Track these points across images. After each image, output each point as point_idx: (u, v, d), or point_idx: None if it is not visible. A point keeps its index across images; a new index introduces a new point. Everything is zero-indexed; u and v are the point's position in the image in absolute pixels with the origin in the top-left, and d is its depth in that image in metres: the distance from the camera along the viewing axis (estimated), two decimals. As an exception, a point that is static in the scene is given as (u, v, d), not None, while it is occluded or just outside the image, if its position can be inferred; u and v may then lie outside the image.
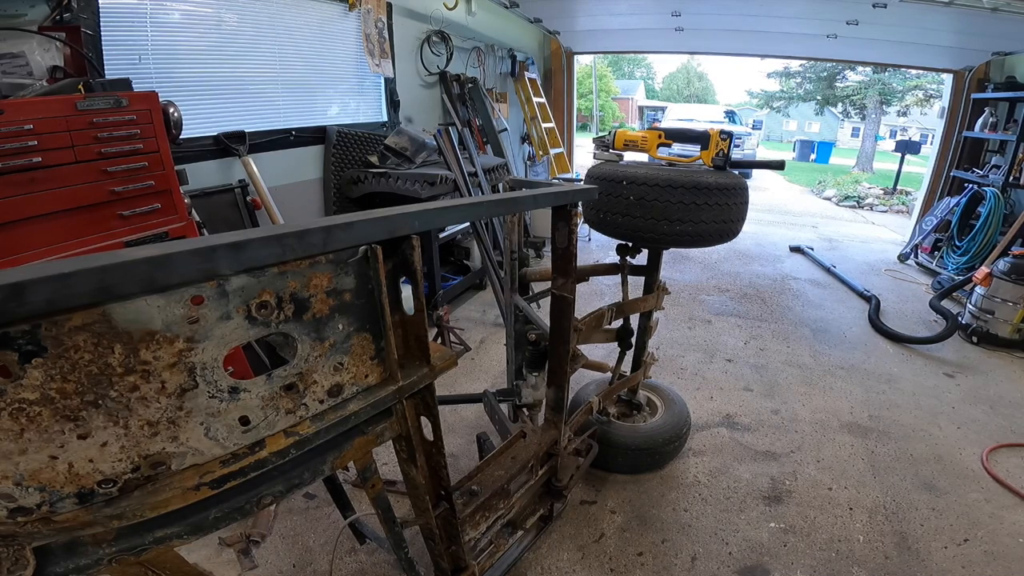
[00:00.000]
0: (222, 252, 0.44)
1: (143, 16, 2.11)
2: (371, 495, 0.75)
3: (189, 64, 2.34)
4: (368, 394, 0.64)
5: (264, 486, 0.56)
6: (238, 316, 0.48)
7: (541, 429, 1.32)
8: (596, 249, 5.13)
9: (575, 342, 1.26)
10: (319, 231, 0.51)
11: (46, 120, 1.40)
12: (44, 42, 1.71)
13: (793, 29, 4.87)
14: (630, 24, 5.56)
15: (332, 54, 3.16)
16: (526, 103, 5.78)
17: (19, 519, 0.41)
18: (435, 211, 0.67)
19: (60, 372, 0.39)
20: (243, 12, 2.55)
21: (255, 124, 2.64)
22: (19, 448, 0.39)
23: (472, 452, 1.97)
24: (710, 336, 3.22)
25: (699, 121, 13.67)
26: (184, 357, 0.46)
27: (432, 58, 4.01)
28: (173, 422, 0.47)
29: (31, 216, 1.41)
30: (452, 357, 0.73)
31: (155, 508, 0.47)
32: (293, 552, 1.59)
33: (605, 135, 1.62)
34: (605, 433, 1.85)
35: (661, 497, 1.85)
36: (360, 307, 0.60)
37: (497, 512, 1.15)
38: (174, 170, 1.76)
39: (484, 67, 4.88)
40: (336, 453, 0.64)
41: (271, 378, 0.54)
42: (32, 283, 0.35)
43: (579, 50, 6.94)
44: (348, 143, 3.14)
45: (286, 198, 2.72)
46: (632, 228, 1.49)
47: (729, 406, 2.44)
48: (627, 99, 27.55)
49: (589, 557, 1.60)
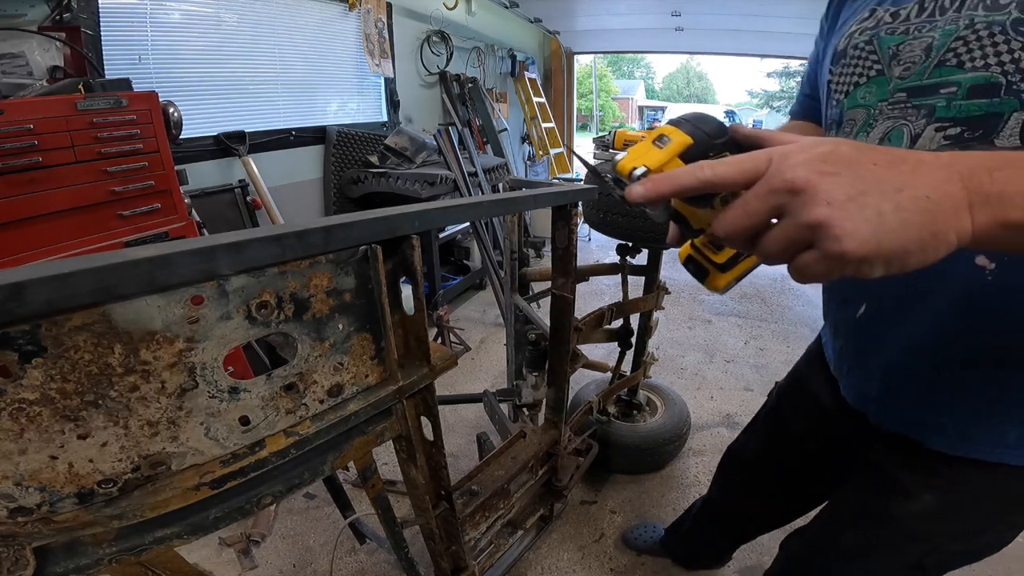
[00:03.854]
0: (222, 252, 0.44)
1: (143, 16, 2.11)
2: (371, 495, 0.75)
3: (189, 64, 2.34)
4: (368, 394, 0.64)
5: (264, 486, 0.56)
6: (238, 316, 0.48)
7: (541, 429, 1.32)
8: (596, 249, 5.13)
9: (575, 342, 1.26)
10: (319, 231, 0.51)
11: (46, 120, 1.40)
12: (44, 42, 1.71)
13: (793, 29, 4.87)
14: (630, 24, 5.56)
15: (332, 54, 3.16)
16: (526, 103, 5.78)
17: (19, 519, 0.41)
18: (435, 211, 0.66)
19: (60, 372, 0.39)
20: (243, 12, 2.55)
21: (255, 124, 2.64)
22: (19, 448, 0.39)
23: (472, 452, 1.98)
24: (710, 336, 3.22)
25: (699, 121, 13.64)
26: (184, 357, 0.46)
27: (432, 58, 4.01)
28: (173, 422, 0.47)
29: (31, 216, 1.41)
30: (452, 357, 0.73)
31: (155, 508, 0.47)
32: (293, 552, 1.59)
33: (605, 135, 1.62)
34: (605, 433, 1.85)
35: (661, 497, 1.85)
36: (360, 307, 0.60)
37: (497, 512, 1.15)
38: (174, 170, 1.76)
39: (484, 67, 4.88)
40: (336, 453, 0.64)
41: (271, 378, 0.54)
42: (32, 283, 0.35)
43: (579, 50, 6.94)
44: (348, 143, 3.14)
45: (286, 198, 2.72)
46: (632, 228, 1.49)
47: (729, 406, 2.44)
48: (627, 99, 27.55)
49: (589, 557, 1.60)
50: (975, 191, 0.33)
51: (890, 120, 0.62)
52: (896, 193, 0.33)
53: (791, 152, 0.35)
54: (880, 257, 0.33)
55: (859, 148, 0.35)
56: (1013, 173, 0.33)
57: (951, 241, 0.34)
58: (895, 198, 0.33)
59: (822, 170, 0.34)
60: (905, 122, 0.60)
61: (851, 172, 0.34)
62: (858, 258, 0.33)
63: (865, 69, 0.66)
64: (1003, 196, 0.33)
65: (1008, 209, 0.33)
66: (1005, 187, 0.33)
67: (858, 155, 0.35)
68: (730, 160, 0.37)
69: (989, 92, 0.53)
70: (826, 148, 0.35)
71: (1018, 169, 0.33)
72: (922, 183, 0.33)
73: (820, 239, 0.33)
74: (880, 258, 0.33)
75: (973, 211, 0.33)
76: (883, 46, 0.63)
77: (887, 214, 0.33)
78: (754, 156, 0.37)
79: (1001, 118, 0.52)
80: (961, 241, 0.34)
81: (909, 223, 0.33)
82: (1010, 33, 0.50)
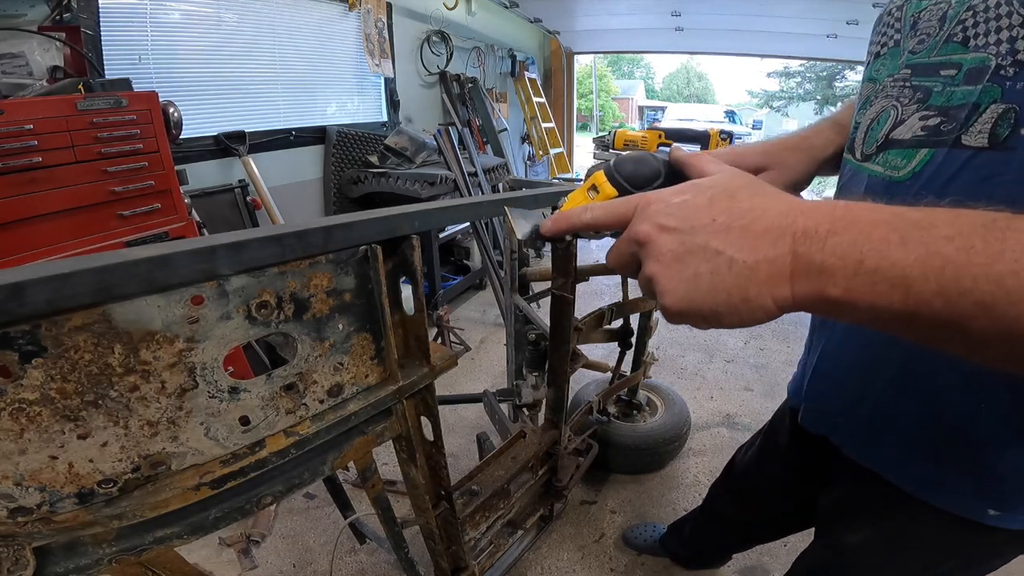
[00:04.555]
0: (222, 252, 0.44)
1: (143, 16, 2.11)
2: (371, 495, 0.75)
3: (189, 64, 2.34)
4: (368, 394, 0.64)
5: (264, 486, 0.56)
6: (238, 316, 0.48)
7: (541, 429, 1.31)
8: (596, 249, 5.13)
9: (575, 342, 1.26)
10: (319, 231, 0.51)
11: (46, 120, 1.40)
12: (44, 42, 1.71)
13: (793, 29, 4.87)
14: (630, 24, 5.56)
15: (332, 54, 3.16)
16: (526, 103, 5.77)
17: (19, 519, 0.41)
18: (435, 211, 0.66)
19: (60, 372, 0.39)
20: (243, 12, 2.55)
21: (255, 124, 2.64)
22: (19, 448, 0.39)
23: (472, 452, 1.97)
24: (710, 336, 3.22)
25: (699, 121, 13.67)
26: (184, 357, 0.46)
27: (432, 58, 4.01)
28: (173, 422, 0.47)
29: (31, 216, 1.41)
30: (452, 357, 0.73)
31: (155, 508, 0.47)
32: (293, 552, 1.59)
33: (605, 135, 1.62)
34: (605, 433, 1.85)
35: (661, 497, 1.85)
36: (360, 307, 0.60)
37: (497, 512, 1.15)
38: (174, 170, 1.76)
39: (484, 67, 4.88)
40: (336, 453, 0.64)
41: (271, 378, 0.54)
42: (32, 283, 0.35)
43: (579, 50, 6.93)
44: (348, 143, 3.14)
45: (286, 198, 2.72)
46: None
47: (729, 406, 2.44)
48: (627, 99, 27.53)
49: (589, 557, 1.60)
50: (801, 258, 0.32)
51: (885, 100, 0.58)
52: (715, 256, 0.34)
53: (651, 202, 0.38)
54: (694, 315, 0.36)
55: (712, 199, 0.36)
56: (846, 239, 0.31)
57: (767, 305, 0.34)
58: (714, 261, 0.34)
59: (663, 225, 0.37)
60: (896, 104, 0.56)
61: (686, 229, 0.36)
62: (675, 312, 0.36)
63: (887, 39, 0.60)
64: (825, 268, 0.31)
65: (827, 285, 0.31)
66: (831, 258, 0.31)
67: (707, 208, 0.36)
68: (606, 205, 0.42)
69: (979, 77, 0.48)
70: (683, 198, 0.37)
71: (854, 234, 0.31)
72: (745, 247, 0.34)
73: (654, 291, 0.37)
74: (694, 315, 0.36)
75: (795, 280, 0.33)
76: (907, 13, 0.58)
77: (702, 276, 0.35)
78: (626, 202, 0.40)
79: (977, 109, 0.47)
80: (782, 306, 0.34)
81: (718, 287, 0.34)
82: (1015, 5, 0.45)
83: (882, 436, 0.64)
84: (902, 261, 0.29)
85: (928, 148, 0.52)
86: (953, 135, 0.49)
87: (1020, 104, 0.44)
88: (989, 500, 0.58)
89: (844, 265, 0.30)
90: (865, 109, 0.62)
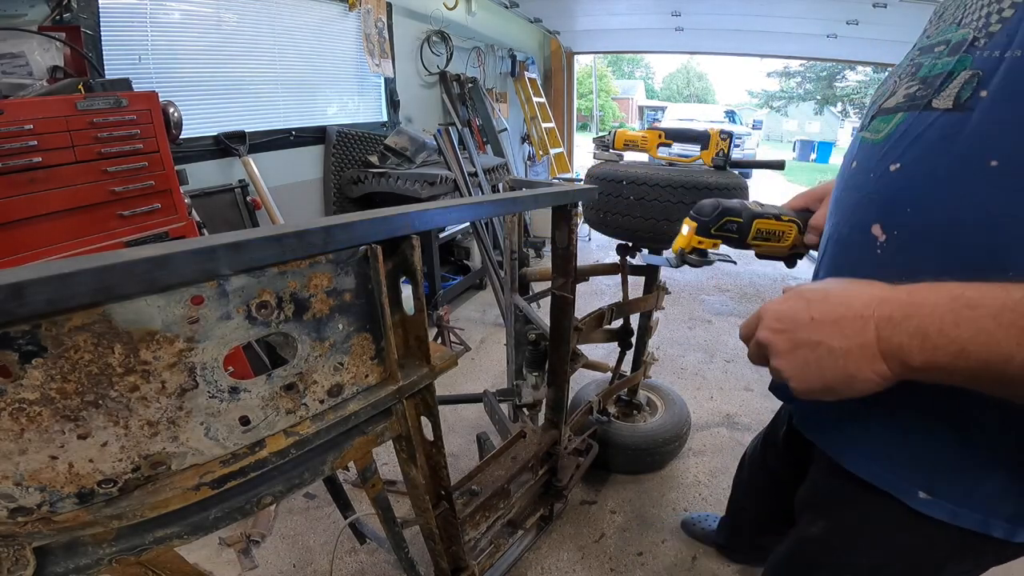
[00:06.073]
0: (222, 252, 0.44)
1: (143, 16, 2.11)
2: (371, 495, 0.75)
3: (189, 64, 2.34)
4: (368, 394, 0.64)
5: (264, 486, 0.56)
6: (238, 316, 0.48)
7: (541, 429, 1.32)
8: (596, 249, 5.13)
9: (575, 342, 1.26)
10: (319, 231, 0.51)
11: (46, 120, 1.40)
12: (44, 42, 1.71)
13: (793, 29, 4.86)
14: (630, 24, 5.56)
15: (332, 54, 3.16)
16: (526, 103, 5.77)
17: (19, 519, 0.41)
18: (435, 211, 0.66)
19: (60, 372, 0.39)
20: (243, 12, 2.55)
21: (255, 124, 2.64)
22: (19, 448, 0.39)
23: (472, 452, 1.98)
24: (710, 336, 3.22)
25: (699, 121, 13.67)
26: (184, 357, 0.46)
27: (432, 58, 4.01)
28: (173, 422, 0.47)
29: (31, 216, 1.40)
30: (452, 357, 0.73)
31: (155, 508, 0.47)
32: (293, 552, 1.59)
33: (605, 135, 1.62)
34: (605, 433, 1.85)
35: (661, 497, 1.85)
36: (360, 307, 0.60)
37: (497, 512, 1.15)
38: (174, 170, 1.76)
39: (484, 67, 4.88)
40: (336, 453, 0.64)
41: (271, 378, 0.54)
42: (32, 283, 0.35)
43: (579, 50, 6.93)
44: (348, 143, 3.14)
45: (286, 198, 2.72)
46: (632, 228, 1.49)
47: (729, 406, 2.44)
48: (627, 99, 27.54)
49: (589, 557, 1.60)
50: (885, 340, 0.43)
51: (892, 79, 0.61)
52: (817, 346, 0.47)
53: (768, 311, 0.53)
54: (813, 391, 0.48)
55: (810, 301, 0.49)
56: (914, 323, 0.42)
57: (870, 378, 0.44)
58: (817, 350, 0.47)
59: (776, 328, 0.50)
60: (896, 79, 0.59)
61: (793, 328, 0.49)
62: (799, 392, 0.49)
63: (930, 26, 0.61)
64: (903, 347, 0.42)
65: (908, 358, 0.42)
66: (907, 339, 0.42)
67: (805, 309, 0.48)
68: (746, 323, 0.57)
69: (958, 49, 0.50)
70: (788, 304, 0.51)
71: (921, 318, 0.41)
72: (837, 336, 0.45)
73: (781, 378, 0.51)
74: (813, 392, 0.48)
75: (886, 359, 0.43)
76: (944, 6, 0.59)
77: (810, 363, 0.47)
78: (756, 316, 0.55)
79: (951, 76, 0.50)
80: (884, 377, 0.44)
81: (825, 369, 0.46)
82: None
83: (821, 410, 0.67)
84: (960, 338, 0.39)
85: (903, 112, 0.55)
86: (926, 100, 0.52)
87: (984, 69, 0.47)
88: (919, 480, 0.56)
89: (919, 344, 0.41)
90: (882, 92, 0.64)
